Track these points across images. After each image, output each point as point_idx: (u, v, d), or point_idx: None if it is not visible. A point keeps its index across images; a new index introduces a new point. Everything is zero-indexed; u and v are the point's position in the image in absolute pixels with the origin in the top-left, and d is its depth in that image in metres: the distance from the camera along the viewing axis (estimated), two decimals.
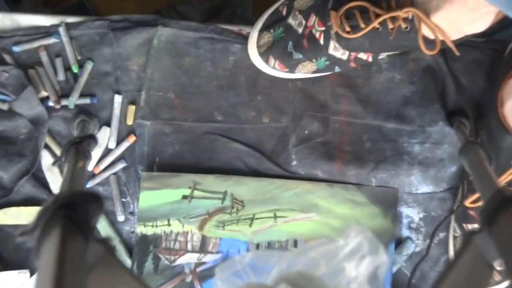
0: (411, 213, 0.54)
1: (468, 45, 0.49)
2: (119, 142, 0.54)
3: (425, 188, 0.54)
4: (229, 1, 0.95)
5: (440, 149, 0.54)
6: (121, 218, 0.54)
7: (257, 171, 0.54)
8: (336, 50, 0.47)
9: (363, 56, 0.47)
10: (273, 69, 0.50)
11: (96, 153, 0.53)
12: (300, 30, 0.47)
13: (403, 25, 0.43)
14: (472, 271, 0.27)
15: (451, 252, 0.54)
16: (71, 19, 0.52)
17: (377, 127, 0.53)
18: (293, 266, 0.32)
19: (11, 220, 0.52)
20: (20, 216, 0.52)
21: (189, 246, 0.53)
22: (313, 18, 0.47)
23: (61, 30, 0.51)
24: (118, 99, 0.53)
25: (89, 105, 0.53)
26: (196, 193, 0.53)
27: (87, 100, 0.52)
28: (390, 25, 0.44)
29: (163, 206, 0.53)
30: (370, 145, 0.54)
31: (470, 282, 0.27)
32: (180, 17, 0.87)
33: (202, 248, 0.53)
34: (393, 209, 0.53)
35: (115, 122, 0.53)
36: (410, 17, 0.42)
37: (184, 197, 0.53)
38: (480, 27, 0.42)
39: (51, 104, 0.52)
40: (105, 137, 0.53)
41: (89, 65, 0.52)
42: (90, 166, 0.53)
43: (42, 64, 0.52)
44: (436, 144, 0.54)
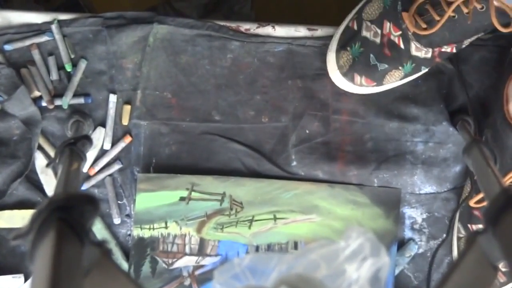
0: (414, 214, 0.55)
1: (474, 43, 0.49)
2: (115, 143, 0.54)
3: (429, 188, 0.54)
4: None
5: (444, 149, 0.54)
6: (117, 221, 0.54)
7: (256, 172, 0.54)
8: (419, 50, 0.46)
9: (447, 49, 0.47)
10: (361, 87, 0.50)
11: (91, 154, 0.53)
12: (378, 40, 0.47)
13: (478, 6, 0.42)
14: (476, 273, 0.27)
15: (455, 253, 0.54)
16: (64, 16, 0.52)
17: (379, 126, 0.54)
18: (293, 269, 0.32)
19: (5, 224, 0.53)
20: (14, 220, 0.52)
21: (187, 249, 0.53)
22: (387, 25, 0.46)
23: (54, 28, 0.52)
24: (113, 99, 0.53)
25: (83, 105, 0.53)
26: (194, 195, 0.53)
27: (81, 100, 0.53)
28: (465, 10, 0.43)
29: (160, 208, 0.53)
30: (372, 145, 0.54)
31: (474, 284, 0.27)
32: (177, 14, 0.87)
33: (201, 251, 0.53)
34: (396, 210, 0.54)
35: (110, 122, 0.53)
36: None
37: (182, 199, 0.53)
38: None
39: (44, 104, 0.52)
40: (100, 138, 0.53)
41: (83, 64, 0.52)
42: (85, 168, 0.53)
43: (35, 63, 0.52)
44: (440, 144, 0.54)
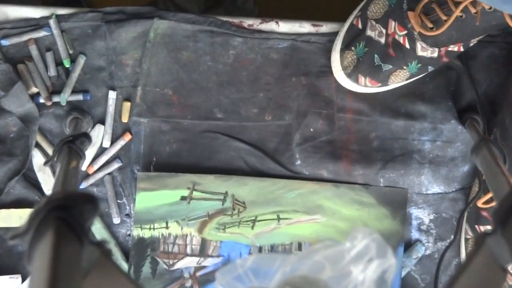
0: (421, 215, 0.55)
1: (484, 40, 0.48)
2: (114, 141, 0.54)
3: (436, 188, 0.54)
4: None
5: (452, 148, 0.54)
6: (117, 221, 0.54)
7: (259, 171, 0.54)
8: (425, 50, 0.46)
9: (454, 48, 0.46)
10: (365, 87, 0.50)
11: (90, 153, 0.53)
12: (383, 40, 0.47)
13: (487, 6, 0.42)
14: (485, 275, 0.27)
15: (463, 255, 0.54)
16: (62, 11, 0.52)
17: (385, 125, 0.54)
18: (297, 270, 0.32)
19: (1, 223, 0.53)
20: (11, 219, 0.53)
21: (189, 250, 0.53)
22: (392, 24, 0.46)
23: (52, 23, 0.52)
24: (113, 96, 0.53)
25: (82, 102, 0.53)
26: (195, 194, 0.53)
27: (80, 97, 0.53)
28: (473, 10, 0.43)
29: (161, 208, 0.53)
30: (378, 143, 0.54)
31: (483, 286, 0.27)
32: (178, 9, 0.88)
33: (202, 252, 0.54)
34: (402, 211, 0.53)
35: (110, 120, 0.53)
36: None
37: (183, 198, 0.53)
38: None
39: (42, 101, 0.52)
40: (99, 136, 0.53)
41: (82, 60, 0.53)
42: (84, 166, 0.54)
43: (32, 59, 0.52)
44: (448, 142, 0.54)
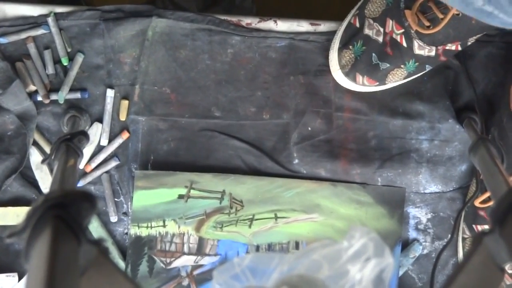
0: (419, 214, 0.55)
1: (481, 40, 0.48)
2: (112, 139, 0.54)
3: (434, 188, 0.54)
4: None
5: (450, 147, 0.54)
6: (114, 219, 0.54)
7: (257, 170, 0.54)
8: (422, 49, 0.46)
9: (452, 47, 0.47)
10: (363, 86, 0.50)
11: (88, 151, 0.53)
12: (381, 39, 0.47)
13: None
14: (482, 274, 0.27)
15: (460, 254, 0.55)
16: (61, 9, 0.52)
17: (383, 124, 0.54)
18: (295, 269, 0.32)
19: None
20: (8, 217, 0.53)
21: (186, 248, 0.54)
22: (390, 23, 0.46)
23: (50, 21, 0.52)
24: (111, 94, 0.53)
25: (80, 100, 0.53)
26: (193, 193, 0.53)
27: (78, 95, 0.53)
28: None
29: (158, 206, 0.53)
30: (376, 143, 0.54)
31: (480, 286, 0.27)
32: (176, 7, 0.87)
33: (199, 250, 0.54)
34: (400, 210, 0.54)
35: (108, 118, 0.53)
36: None
37: (180, 197, 0.53)
38: None
39: (40, 99, 0.52)
40: (97, 134, 0.53)
41: (80, 58, 0.52)
42: (81, 164, 0.54)
43: (30, 57, 0.52)
44: (446, 142, 0.54)
